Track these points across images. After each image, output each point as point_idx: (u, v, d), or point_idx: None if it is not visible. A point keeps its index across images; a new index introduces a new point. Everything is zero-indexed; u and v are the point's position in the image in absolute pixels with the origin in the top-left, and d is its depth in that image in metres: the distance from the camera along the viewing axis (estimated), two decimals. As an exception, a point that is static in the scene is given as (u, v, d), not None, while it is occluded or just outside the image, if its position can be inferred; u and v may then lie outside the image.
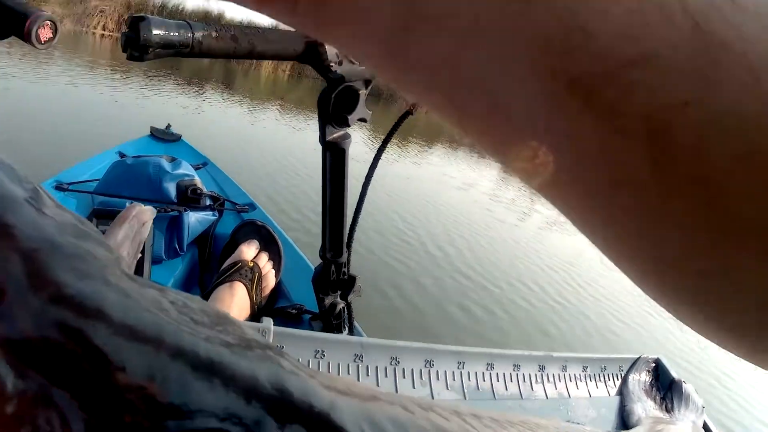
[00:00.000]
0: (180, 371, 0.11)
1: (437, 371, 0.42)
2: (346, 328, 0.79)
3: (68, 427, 0.10)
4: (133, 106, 4.72)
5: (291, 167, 4.10)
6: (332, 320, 0.76)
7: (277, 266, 0.91)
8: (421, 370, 0.41)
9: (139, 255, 0.27)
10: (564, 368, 0.52)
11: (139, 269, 0.50)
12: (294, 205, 3.19)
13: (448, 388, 0.42)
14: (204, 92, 6.60)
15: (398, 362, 0.40)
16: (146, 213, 0.28)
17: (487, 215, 4.86)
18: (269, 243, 0.92)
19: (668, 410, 0.57)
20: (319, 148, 0.60)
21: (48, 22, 0.41)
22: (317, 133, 0.58)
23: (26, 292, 0.11)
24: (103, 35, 11.64)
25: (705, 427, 0.57)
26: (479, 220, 4.56)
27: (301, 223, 2.92)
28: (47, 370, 0.10)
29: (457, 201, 5.08)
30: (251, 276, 0.82)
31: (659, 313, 3.68)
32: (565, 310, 3.12)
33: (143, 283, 0.13)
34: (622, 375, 0.58)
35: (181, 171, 1.10)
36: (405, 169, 5.70)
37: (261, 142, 4.80)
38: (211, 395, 0.11)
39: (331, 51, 0.51)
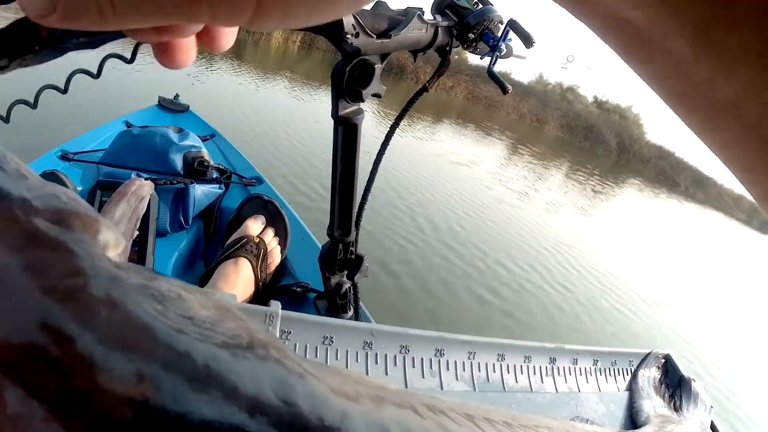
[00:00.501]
0: (175, 382, 0.10)
1: (447, 361, 0.41)
2: (352, 309, 0.78)
3: None
4: (141, 75, 4.68)
5: (300, 141, 4.07)
6: (338, 300, 0.76)
7: (283, 243, 0.90)
8: (431, 360, 0.40)
9: (137, 233, 0.25)
10: (575, 361, 0.51)
11: (142, 243, 0.49)
12: (302, 180, 3.17)
13: (457, 379, 0.41)
14: (213, 62, 6.53)
15: (408, 351, 0.39)
16: (145, 188, 0.27)
17: (492, 193, 4.84)
18: (276, 219, 0.91)
19: (676, 408, 0.56)
20: (330, 122, 0.58)
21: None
22: (328, 107, 0.56)
23: (7, 292, 0.09)
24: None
25: (713, 427, 0.56)
26: (484, 198, 4.54)
27: (309, 199, 2.91)
28: (27, 381, 0.09)
29: (462, 178, 5.04)
30: (256, 252, 0.81)
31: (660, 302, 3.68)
32: (572, 295, 3.12)
33: (133, 273, 0.12)
34: (632, 370, 0.57)
35: (188, 142, 1.08)
36: (411, 144, 5.66)
37: (270, 115, 4.76)
38: (210, 409, 0.10)
39: (347, 22, 0.49)
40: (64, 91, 0.26)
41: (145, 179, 0.99)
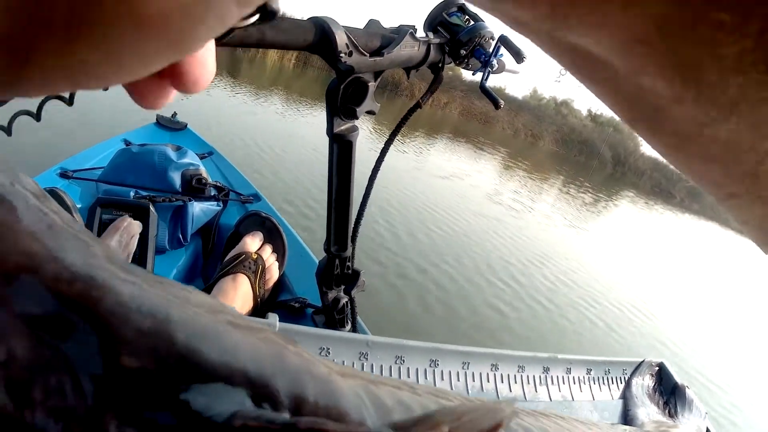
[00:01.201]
0: (186, 337, 0.12)
1: (442, 371, 0.41)
2: (349, 323, 0.78)
3: (79, 387, 0.10)
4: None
5: (297, 158, 4.09)
6: (335, 315, 0.76)
7: (280, 259, 0.91)
8: (425, 370, 0.41)
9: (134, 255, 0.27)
10: (568, 370, 0.52)
11: (142, 260, 0.50)
12: (299, 197, 3.18)
13: (452, 389, 0.41)
14: (210, 81, 6.58)
15: (403, 361, 0.40)
16: (135, 226, 0.28)
17: (488, 207, 4.86)
18: (273, 235, 0.92)
19: (671, 415, 0.57)
20: (325, 139, 0.59)
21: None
22: (323, 124, 0.58)
23: (37, 271, 0.11)
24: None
25: (708, 433, 0.57)
26: (480, 210, 4.55)
27: (306, 215, 2.92)
28: (59, 336, 0.11)
29: (457, 191, 5.06)
30: (255, 268, 0.81)
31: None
32: (566, 308, 3.12)
33: (142, 273, 0.13)
34: (626, 378, 0.58)
35: (186, 160, 1.09)
36: (400, 160, 5.69)
37: (267, 132, 4.79)
38: (213, 352, 0.12)
39: (341, 41, 0.50)
40: (8, 133, 0.28)
41: (144, 197, 0.99)
